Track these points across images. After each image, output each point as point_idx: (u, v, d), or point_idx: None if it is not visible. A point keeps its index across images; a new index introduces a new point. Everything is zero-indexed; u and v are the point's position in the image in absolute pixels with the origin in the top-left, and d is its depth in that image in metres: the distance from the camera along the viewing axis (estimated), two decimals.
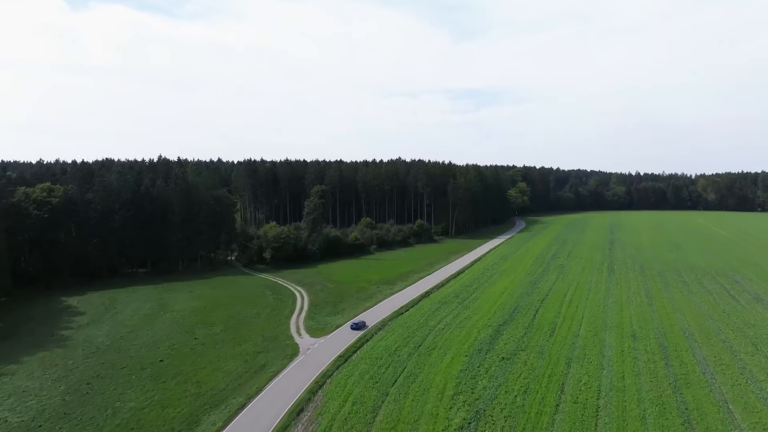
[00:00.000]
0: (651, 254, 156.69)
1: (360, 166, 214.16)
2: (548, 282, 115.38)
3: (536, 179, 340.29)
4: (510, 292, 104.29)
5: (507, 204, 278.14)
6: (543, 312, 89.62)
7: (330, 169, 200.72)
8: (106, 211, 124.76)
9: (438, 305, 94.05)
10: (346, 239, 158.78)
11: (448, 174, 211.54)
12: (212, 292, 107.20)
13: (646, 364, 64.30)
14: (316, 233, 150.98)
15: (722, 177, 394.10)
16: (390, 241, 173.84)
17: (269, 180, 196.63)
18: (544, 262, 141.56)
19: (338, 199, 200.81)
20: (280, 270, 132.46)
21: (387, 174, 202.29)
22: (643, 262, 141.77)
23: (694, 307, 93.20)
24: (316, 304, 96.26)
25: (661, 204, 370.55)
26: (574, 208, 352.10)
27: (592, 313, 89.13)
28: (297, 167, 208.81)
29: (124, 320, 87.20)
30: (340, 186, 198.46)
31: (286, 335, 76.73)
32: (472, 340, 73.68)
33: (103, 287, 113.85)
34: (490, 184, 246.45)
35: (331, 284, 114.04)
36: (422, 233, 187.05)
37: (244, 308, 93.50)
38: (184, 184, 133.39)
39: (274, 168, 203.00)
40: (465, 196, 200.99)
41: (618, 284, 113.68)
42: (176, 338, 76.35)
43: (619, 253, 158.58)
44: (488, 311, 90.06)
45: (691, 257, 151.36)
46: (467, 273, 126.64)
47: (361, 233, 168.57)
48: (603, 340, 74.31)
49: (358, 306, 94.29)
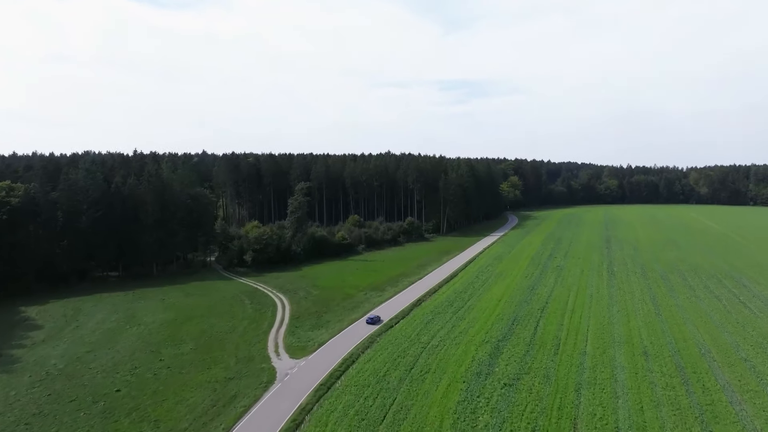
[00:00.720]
0: (650, 254, 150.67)
1: (348, 161, 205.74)
2: (547, 287, 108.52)
3: (528, 173, 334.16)
4: (507, 300, 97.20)
5: (499, 199, 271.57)
6: (544, 323, 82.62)
7: (316, 164, 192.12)
8: (73, 211, 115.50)
9: (431, 316, 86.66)
10: (333, 239, 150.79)
11: (440, 169, 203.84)
12: (186, 301, 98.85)
13: (664, 391, 57.41)
14: (301, 233, 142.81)
15: (714, 170, 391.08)
16: (379, 240, 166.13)
17: (252, 175, 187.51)
18: (540, 263, 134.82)
19: (325, 196, 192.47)
20: (261, 273, 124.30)
21: (376, 169, 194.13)
22: (643, 263, 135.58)
23: (705, 317, 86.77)
24: (298, 315, 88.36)
25: (653, 197, 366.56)
26: (567, 202, 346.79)
27: (598, 324, 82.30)
28: (282, 162, 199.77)
29: (85, 336, 78.74)
30: (327, 181, 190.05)
31: (262, 356, 68.83)
32: (470, 361, 66.40)
33: (68, 294, 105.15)
34: (483, 178, 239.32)
35: (316, 290, 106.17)
36: (413, 231, 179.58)
37: (218, 321, 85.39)
38: (157, 182, 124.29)
39: (257, 163, 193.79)
40: (457, 192, 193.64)
41: (621, 289, 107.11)
42: (139, 359, 68.15)
43: (617, 253, 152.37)
44: (485, 323, 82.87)
45: (692, 257, 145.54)
46: (461, 276, 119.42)
47: (348, 232, 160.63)
48: (613, 358, 67.39)
49: (343, 317, 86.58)
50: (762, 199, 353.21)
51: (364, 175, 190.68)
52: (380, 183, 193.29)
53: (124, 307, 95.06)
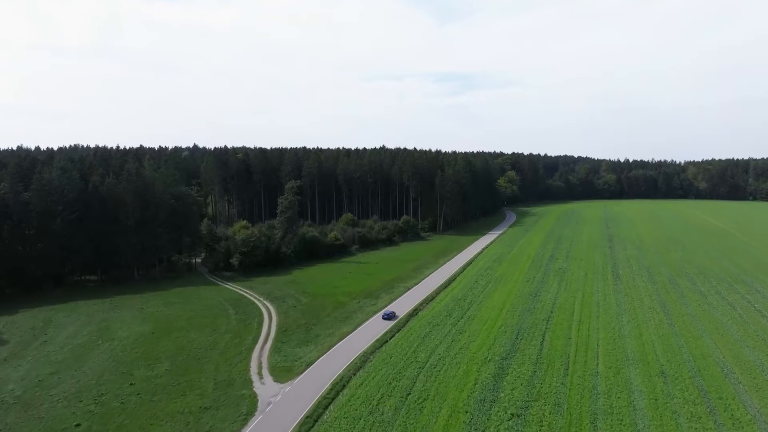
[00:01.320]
0: (655, 254, 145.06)
1: (341, 156, 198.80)
2: (550, 293, 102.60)
3: (525, 167, 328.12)
4: (509, 309, 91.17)
5: (497, 195, 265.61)
6: (551, 337, 76.67)
7: (308, 160, 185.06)
8: (47, 212, 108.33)
9: (428, 328, 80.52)
10: (325, 240, 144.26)
11: (436, 165, 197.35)
12: (166, 311, 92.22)
13: (690, 423, 51.56)
14: (291, 234, 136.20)
15: (713, 165, 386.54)
16: (373, 240, 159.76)
17: (241, 172, 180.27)
18: (542, 266, 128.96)
19: (317, 193, 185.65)
20: (249, 278, 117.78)
21: (370, 165, 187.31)
22: (649, 266, 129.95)
23: (722, 328, 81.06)
24: (286, 327, 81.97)
25: (652, 192, 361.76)
26: (564, 197, 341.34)
27: (608, 338, 76.42)
28: (272, 157, 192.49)
29: (52, 354, 72.12)
30: (319, 178, 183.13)
31: (243, 379, 62.45)
32: (472, 384, 60.33)
33: (41, 302, 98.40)
34: (480, 174, 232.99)
35: (305, 298, 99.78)
36: (408, 230, 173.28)
37: (199, 335, 78.90)
38: (138, 181, 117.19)
39: (246, 159, 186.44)
40: (454, 189, 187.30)
41: (628, 295, 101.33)
42: (108, 383, 61.64)
43: (620, 253, 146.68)
44: (488, 336, 76.84)
45: (698, 258, 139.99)
46: (459, 281, 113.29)
47: (341, 232, 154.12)
48: (629, 380, 61.48)
49: (334, 330, 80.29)
50: (761, 193, 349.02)
51: (358, 171, 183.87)
52: (375, 179, 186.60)
53: (98, 318, 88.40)
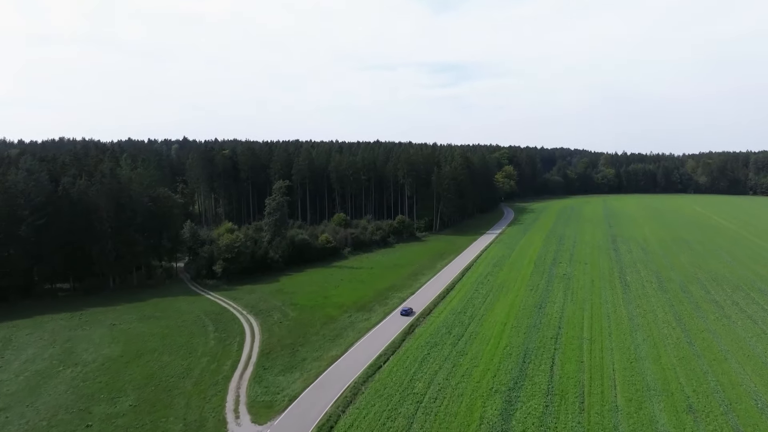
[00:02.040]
0: (662, 257, 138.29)
1: (333, 153, 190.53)
2: (556, 304, 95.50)
3: (523, 162, 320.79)
4: (514, 324, 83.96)
5: (494, 191, 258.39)
6: (561, 360, 69.55)
7: (299, 157, 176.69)
8: (12, 218, 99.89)
9: (426, 350, 73.18)
10: (315, 243, 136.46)
11: (432, 161, 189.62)
12: (139, 327, 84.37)
13: None
14: (280, 237, 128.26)
15: (713, 158, 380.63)
16: (367, 242, 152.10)
17: (228, 169, 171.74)
18: (545, 271, 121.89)
19: (308, 191, 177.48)
20: (233, 286, 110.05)
21: (363, 162, 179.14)
22: (657, 270, 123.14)
23: (746, 348, 74.17)
24: (269, 349, 74.34)
25: (651, 187, 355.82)
26: (563, 192, 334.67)
27: (624, 360, 69.34)
28: (261, 154, 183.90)
29: (4, 384, 64.20)
30: (311, 176, 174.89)
31: (217, 419, 54.83)
32: (477, 423, 53.13)
33: (5, 316, 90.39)
34: (477, 170, 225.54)
35: (293, 311, 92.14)
36: (403, 230, 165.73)
37: (172, 358, 71.18)
38: (112, 183, 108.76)
39: (234, 156, 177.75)
40: (451, 186, 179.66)
41: (640, 307, 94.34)
42: (61, 425, 53.92)
43: (626, 256, 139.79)
44: (492, 359, 69.60)
45: (708, 262, 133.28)
46: (458, 290, 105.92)
47: (333, 234, 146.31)
48: (653, 418, 54.40)
49: (323, 353, 72.75)
50: (762, 188, 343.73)
51: (351, 168, 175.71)
52: (368, 177, 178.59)
53: (64, 337, 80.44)
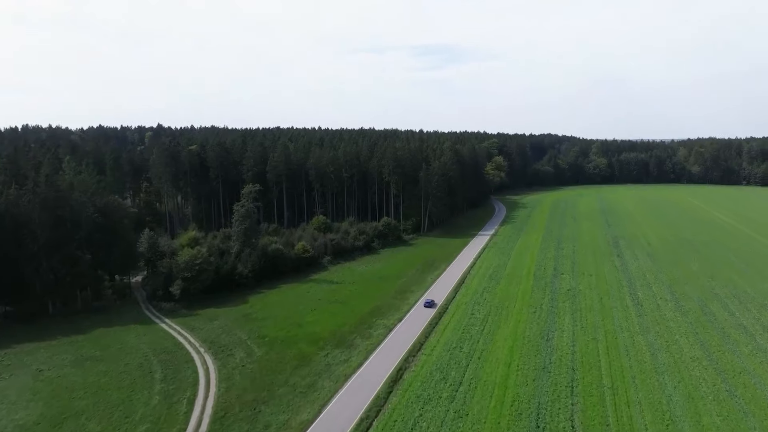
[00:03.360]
0: (670, 265, 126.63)
1: (313, 147, 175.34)
2: (565, 332, 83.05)
3: (513, 152, 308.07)
4: (519, 365, 71.14)
5: (484, 184, 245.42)
6: (582, 421, 56.96)
7: (275, 152, 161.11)
8: None
9: (417, 407, 60.03)
10: (291, 252, 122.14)
11: (420, 157, 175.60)
12: (71, 376, 69.69)
13: None
14: (249, 249, 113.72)
15: (705, 146, 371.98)
16: (349, 248, 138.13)
17: (195, 167, 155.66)
18: (546, 285, 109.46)
19: (284, 190, 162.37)
20: (193, 310, 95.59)
21: (346, 157, 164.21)
22: (669, 283, 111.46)
23: None
24: (226, 410, 60.37)
25: (643, 177, 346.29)
26: (553, 183, 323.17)
27: (658, 423, 56.98)
28: (233, 149, 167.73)
29: None
30: (287, 173, 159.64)
31: None
32: None
33: None
34: (467, 163, 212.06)
35: (260, 347, 78.19)
36: (389, 233, 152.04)
37: (102, 427, 56.92)
38: (48, 191, 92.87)
39: (202, 152, 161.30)
40: (440, 183, 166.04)
41: (660, 335, 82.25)
42: None
43: (632, 264, 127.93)
44: (497, 422, 56.77)
45: (721, 270, 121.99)
46: (452, 313, 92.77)
47: (311, 240, 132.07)
48: None
49: (291, 415, 59.07)
50: (755, 178, 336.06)
51: (332, 165, 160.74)
52: (351, 174, 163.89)
53: None
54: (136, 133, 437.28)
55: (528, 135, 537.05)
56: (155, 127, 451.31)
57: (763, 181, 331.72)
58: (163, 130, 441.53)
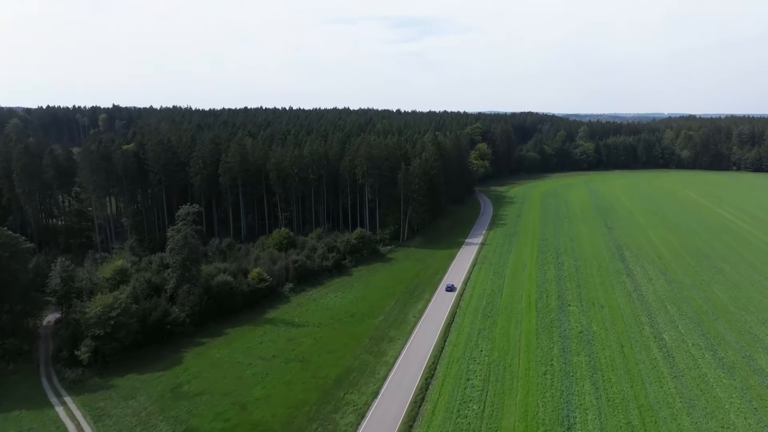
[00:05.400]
0: (692, 290, 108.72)
1: (275, 144, 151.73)
2: (590, 416, 63.86)
3: (498, 137, 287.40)
4: None
5: (469, 177, 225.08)
6: None
7: (228, 151, 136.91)
8: None
9: None
10: (243, 283, 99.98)
11: (399, 153, 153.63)
12: None
13: None
14: (189, 284, 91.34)
15: (693, 129, 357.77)
16: (316, 270, 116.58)
17: (132, 170, 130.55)
18: (554, 326, 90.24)
19: (241, 196, 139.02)
20: (108, 378, 73.64)
21: (312, 157, 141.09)
22: (697, 318, 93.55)
23: None
24: None
25: (632, 162, 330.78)
26: (539, 170, 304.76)
27: None
28: (180, 147, 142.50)
29: None
30: (244, 175, 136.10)
31: None
32: None
33: None
34: (451, 156, 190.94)
35: None
36: (363, 247, 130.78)
37: None
38: None
39: (141, 152, 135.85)
40: (422, 185, 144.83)
41: (711, 416, 63.77)
42: None
43: (646, 288, 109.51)
44: None
45: (753, 298, 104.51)
46: (441, 378, 72.76)
47: (269, 263, 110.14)
48: None
49: None
50: (746, 163, 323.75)
51: (296, 165, 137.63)
52: (318, 176, 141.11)
53: None
54: (88, 114, 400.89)
55: (509, 114, 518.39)
56: (110, 107, 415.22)
57: (754, 166, 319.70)
58: (120, 111, 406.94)
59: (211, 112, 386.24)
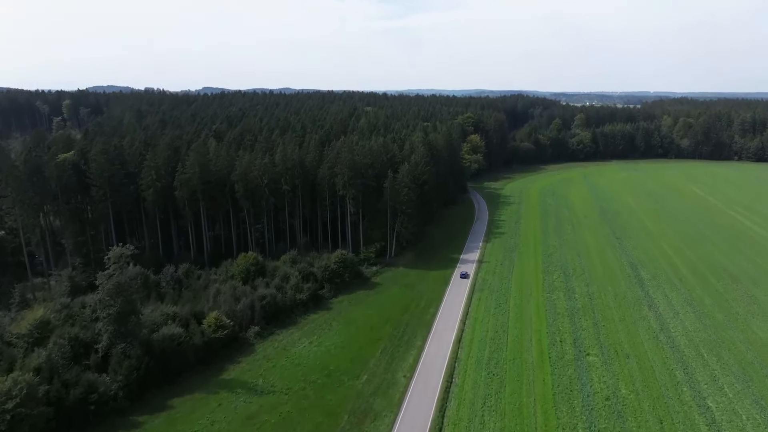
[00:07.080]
0: (729, 331, 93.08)
1: (242, 152, 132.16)
2: None
3: (491, 127, 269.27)
4: None
5: (462, 175, 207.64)
6: None
7: (186, 160, 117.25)
8: None
9: None
10: (195, 336, 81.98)
11: (385, 157, 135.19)
12: None
13: None
14: (125, 343, 73.27)
15: (692, 115, 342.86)
16: (289, 305, 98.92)
17: (71, 185, 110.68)
18: (574, 389, 74.23)
19: (202, 213, 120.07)
20: None
21: (285, 166, 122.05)
22: (743, 375, 78.16)
23: None
24: None
25: (629, 152, 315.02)
26: (534, 161, 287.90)
27: None
28: (130, 156, 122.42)
29: None
30: (204, 189, 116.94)
31: None
32: None
33: None
34: (442, 156, 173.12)
35: None
36: (345, 271, 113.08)
37: None
38: None
39: (81, 162, 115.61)
40: (411, 195, 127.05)
41: None
42: None
43: (675, 328, 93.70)
44: None
45: None
46: None
47: (231, 302, 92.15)
48: None
49: None
50: (748, 152, 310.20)
51: (267, 175, 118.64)
52: (293, 187, 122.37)
53: None
54: (52, 100, 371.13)
55: (500, 97, 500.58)
56: (76, 92, 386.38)
57: (756, 156, 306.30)
58: (86, 96, 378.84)
59: (184, 98, 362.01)
